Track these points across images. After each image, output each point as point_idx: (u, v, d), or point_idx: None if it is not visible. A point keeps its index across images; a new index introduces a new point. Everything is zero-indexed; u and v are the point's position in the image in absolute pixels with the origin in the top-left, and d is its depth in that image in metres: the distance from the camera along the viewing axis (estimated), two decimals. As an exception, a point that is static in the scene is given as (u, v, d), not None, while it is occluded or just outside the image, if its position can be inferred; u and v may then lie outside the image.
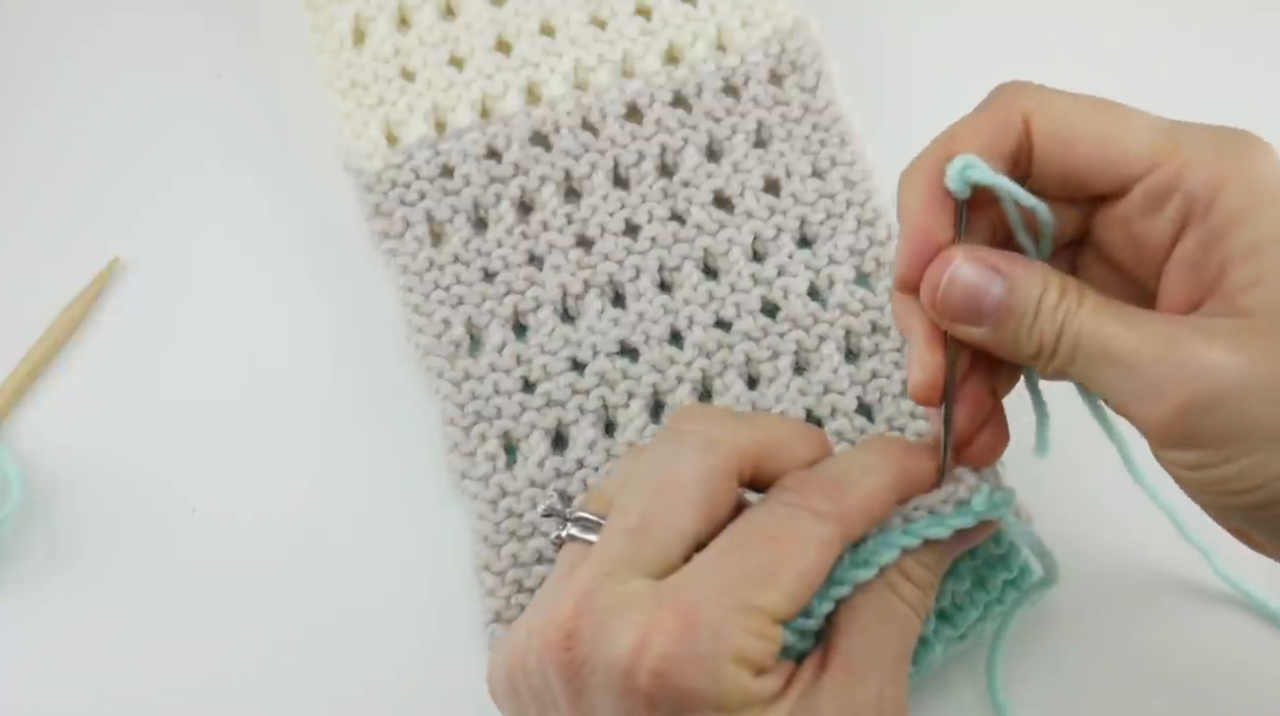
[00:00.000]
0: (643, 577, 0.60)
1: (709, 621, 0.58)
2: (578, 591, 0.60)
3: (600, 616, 0.59)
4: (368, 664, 0.76)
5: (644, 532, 0.61)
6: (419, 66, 0.83)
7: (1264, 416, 0.56)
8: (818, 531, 0.60)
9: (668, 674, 0.57)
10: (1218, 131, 0.60)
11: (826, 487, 0.62)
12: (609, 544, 0.61)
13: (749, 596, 0.58)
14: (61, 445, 0.80)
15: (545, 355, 0.78)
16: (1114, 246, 0.62)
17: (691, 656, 0.57)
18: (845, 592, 0.62)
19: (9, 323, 0.82)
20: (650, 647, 0.57)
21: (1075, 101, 0.62)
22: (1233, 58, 0.88)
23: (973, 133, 0.62)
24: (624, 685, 0.58)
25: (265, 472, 0.79)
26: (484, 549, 0.75)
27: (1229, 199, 0.58)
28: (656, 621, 0.58)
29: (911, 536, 0.63)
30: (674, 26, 0.84)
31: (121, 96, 0.87)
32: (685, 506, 0.61)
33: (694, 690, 0.57)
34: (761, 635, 0.59)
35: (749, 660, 0.58)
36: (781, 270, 0.79)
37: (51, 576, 0.78)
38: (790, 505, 0.61)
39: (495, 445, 0.77)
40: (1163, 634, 0.76)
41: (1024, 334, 0.60)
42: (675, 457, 0.63)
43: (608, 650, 0.58)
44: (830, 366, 0.78)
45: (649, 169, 0.81)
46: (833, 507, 0.61)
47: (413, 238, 0.80)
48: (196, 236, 0.84)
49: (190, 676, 0.76)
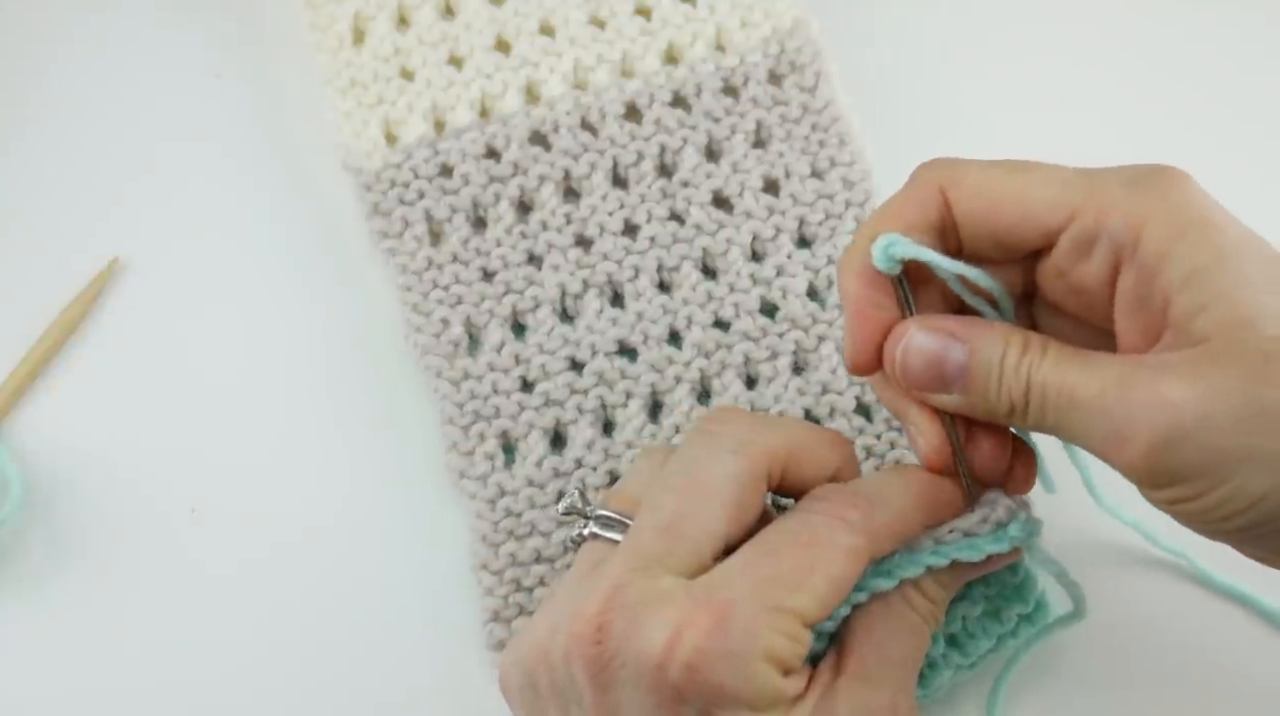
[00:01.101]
0: (673, 575, 0.61)
1: (742, 620, 0.59)
2: (607, 586, 0.61)
3: (632, 611, 0.60)
4: (367, 663, 0.76)
5: (675, 531, 0.62)
6: (418, 66, 0.83)
7: (1231, 443, 0.56)
8: (849, 541, 0.61)
9: (700, 668, 0.58)
10: (1131, 170, 0.61)
11: (859, 501, 0.63)
12: (639, 540, 0.62)
13: (781, 598, 0.59)
14: (61, 445, 0.80)
15: (544, 354, 0.78)
16: (1059, 296, 0.64)
17: (724, 652, 0.58)
18: (863, 599, 0.63)
19: (9, 323, 0.82)
20: (684, 642, 0.58)
21: (989, 168, 0.63)
22: (1219, 57, 0.88)
23: (896, 213, 0.64)
24: (655, 679, 0.59)
25: (265, 472, 0.79)
26: (482, 548, 0.75)
27: (1153, 233, 0.59)
28: (690, 617, 0.59)
29: (941, 556, 0.64)
30: (673, 26, 0.84)
31: (121, 96, 0.87)
32: (718, 507, 0.62)
33: (725, 686, 0.58)
34: (792, 636, 0.60)
35: (779, 660, 0.59)
36: (780, 270, 0.79)
37: (51, 576, 0.78)
38: (824, 514, 0.62)
39: (493, 444, 0.77)
40: (1171, 669, 0.76)
41: (993, 394, 0.61)
42: (708, 458, 0.64)
43: (640, 644, 0.59)
44: (829, 366, 0.78)
45: (648, 169, 0.81)
46: (864, 521, 0.62)
47: (411, 237, 0.80)
48: (196, 236, 0.84)
49: (190, 675, 0.76)
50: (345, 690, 0.75)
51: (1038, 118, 0.85)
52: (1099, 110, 0.86)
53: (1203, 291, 0.57)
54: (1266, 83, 0.87)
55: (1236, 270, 0.57)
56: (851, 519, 0.62)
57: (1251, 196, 0.83)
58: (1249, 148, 0.85)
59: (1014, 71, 0.87)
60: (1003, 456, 0.65)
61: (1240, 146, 0.85)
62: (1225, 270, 0.57)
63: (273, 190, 0.85)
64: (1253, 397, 0.56)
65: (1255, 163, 0.84)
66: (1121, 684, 0.75)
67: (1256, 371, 0.56)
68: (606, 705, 0.60)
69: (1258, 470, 0.56)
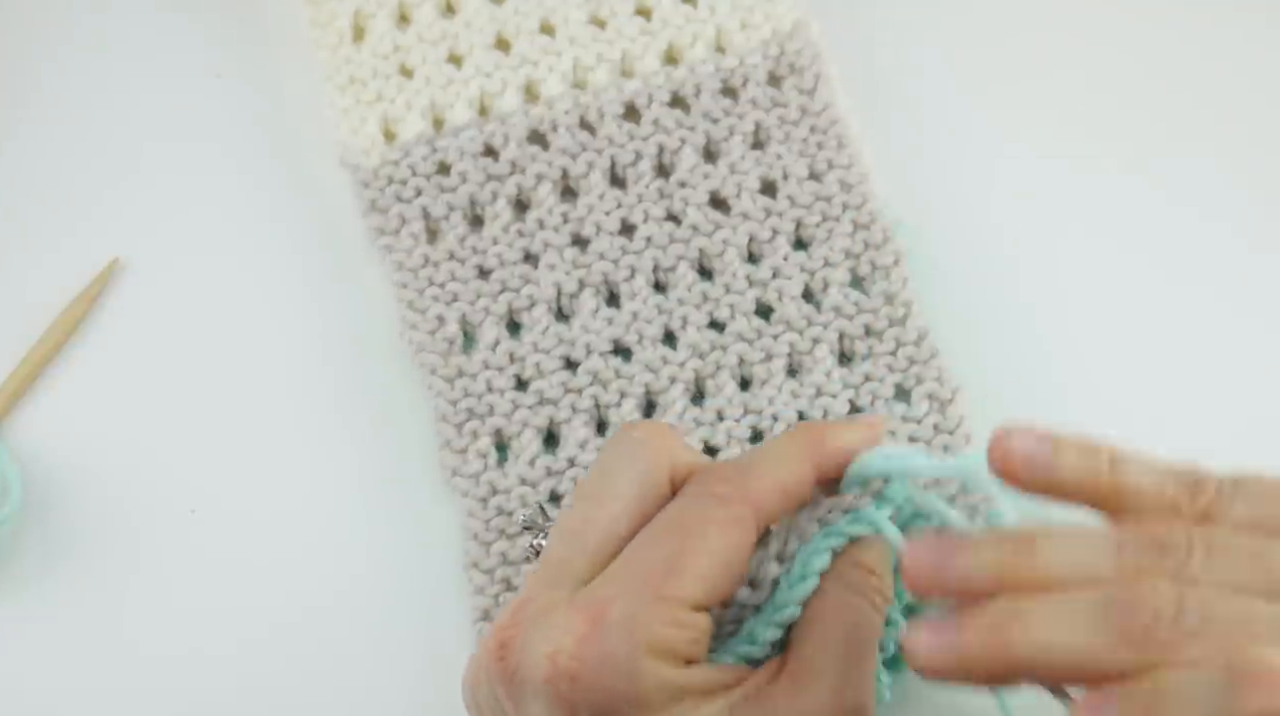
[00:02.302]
0: (577, 583, 0.60)
1: (617, 618, 0.58)
2: (516, 601, 0.61)
3: (525, 626, 0.59)
4: (360, 660, 0.75)
5: (578, 538, 0.61)
6: (418, 63, 0.84)
7: None
8: (721, 513, 0.60)
9: (580, 676, 0.57)
10: None
11: (727, 472, 0.62)
12: (549, 551, 0.62)
13: (658, 587, 0.58)
14: (61, 445, 0.80)
15: (539, 353, 0.78)
16: None
17: (601, 655, 0.57)
18: (794, 614, 0.61)
19: (9, 323, 0.82)
20: (562, 650, 0.58)
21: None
22: (1220, 58, 0.88)
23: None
24: (548, 693, 0.58)
25: (262, 471, 0.79)
26: (474, 546, 0.75)
27: None
28: (568, 625, 0.58)
29: (835, 536, 0.62)
30: (673, 27, 0.84)
31: (121, 96, 0.87)
32: (618, 508, 0.62)
33: (612, 689, 0.57)
34: (678, 623, 0.58)
35: (668, 651, 0.58)
36: (776, 272, 0.79)
37: (51, 576, 0.77)
38: (694, 495, 0.61)
39: (487, 443, 0.77)
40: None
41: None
42: (613, 462, 0.63)
43: (530, 658, 0.58)
44: (823, 369, 0.77)
45: (646, 169, 0.81)
46: (734, 489, 0.61)
47: (408, 234, 0.80)
48: (196, 236, 0.84)
49: (189, 674, 0.75)
50: (339, 687, 0.75)
51: (1038, 122, 0.85)
52: (1099, 114, 0.85)
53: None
54: (1267, 84, 0.87)
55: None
56: (721, 492, 0.61)
57: (1253, 197, 0.84)
58: (1251, 146, 0.85)
59: (1014, 76, 0.86)
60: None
61: (1240, 145, 0.85)
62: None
63: (272, 190, 0.85)
64: None
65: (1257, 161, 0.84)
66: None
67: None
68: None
69: None
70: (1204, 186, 0.83)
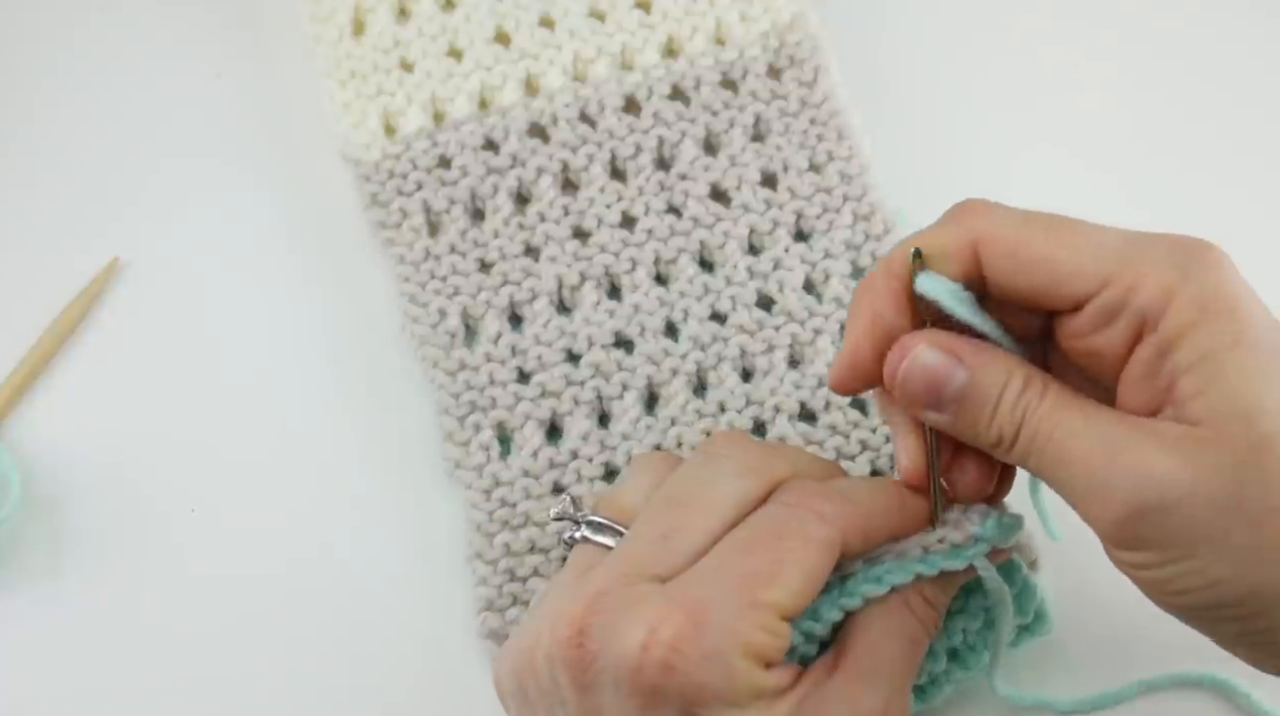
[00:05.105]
0: (654, 582, 0.61)
1: (718, 616, 0.59)
2: (592, 591, 0.61)
3: (611, 614, 0.60)
4: (363, 654, 0.76)
5: (668, 543, 0.62)
6: (418, 57, 0.84)
7: (1203, 525, 0.56)
8: (820, 532, 0.61)
9: (677, 667, 0.58)
10: (1171, 244, 0.60)
11: (829, 494, 0.63)
12: (632, 549, 0.63)
13: (756, 592, 0.59)
14: (61, 445, 0.80)
15: (540, 346, 0.78)
16: (1072, 353, 0.63)
17: (701, 650, 0.58)
18: (856, 604, 0.63)
19: (9, 323, 0.82)
20: (659, 642, 0.58)
21: (1024, 225, 0.62)
22: (1237, 57, 0.88)
23: (928, 250, 0.63)
24: (634, 680, 0.59)
25: (263, 468, 0.79)
26: (477, 538, 0.75)
27: (1177, 313, 0.58)
28: (666, 617, 0.59)
29: (930, 566, 0.63)
30: (673, 20, 0.84)
31: (122, 96, 0.87)
32: (715, 523, 0.63)
33: (704, 683, 0.58)
34: (770, 630, 0.59)
35: (758, 653, 0.59)
36: (777, 264, 0.79)
37: (51, 576, 0.78)
38: (795, 506, 0.62)
39: (489, 435, 0.77)
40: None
41: (984, 424, 0.61)
42: (710, 478, 0.64)
43: (617, 646, 0.59)
44: (825, 360, 0.77)
45: (646, 162, 0.81)
46: (837, 514, 0.62)
47: (410, 228, 0.81)
48: (196, 235, 0.84)
49: (190, 673, 0.76)
50: (342, 681, 0.75)
51: (1038, 113, 0.85)
52: (1101, 104, 0.86)
53: (1208, 376, 0.57)
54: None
55: (1247, 360, 0.57)
56: (825, 511, 0.62)
57: (1256, 198, 0.84)
58: (1252, 146, 0.85)
59: (1014, 67, 0.87)
60: (986, 481, 0.65)
61: (1241, 146, 0.85)
62: (1235, 359, 0.57)
63: (273, 187, 0.85)
64: (1232, 487, 0.56)
65: (1255, 161, 0.84)
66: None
67: (1241, 462, 0.56)
68: (589, 708, 0.60)
69: (1220, 556, 0.56)
70: (1205, 184, 0.84)
